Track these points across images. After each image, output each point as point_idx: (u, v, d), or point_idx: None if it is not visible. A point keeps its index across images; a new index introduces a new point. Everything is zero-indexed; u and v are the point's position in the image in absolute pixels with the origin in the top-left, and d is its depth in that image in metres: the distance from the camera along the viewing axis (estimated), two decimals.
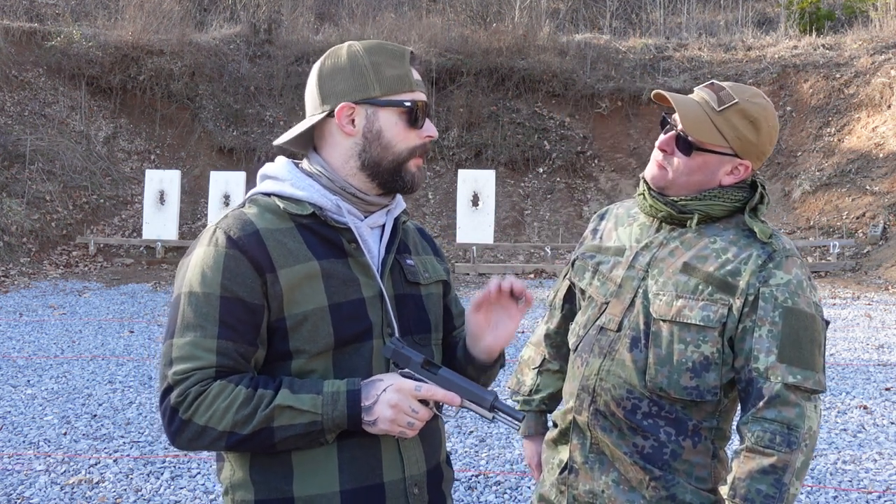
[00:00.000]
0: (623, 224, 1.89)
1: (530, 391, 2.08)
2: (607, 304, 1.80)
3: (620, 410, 1.74)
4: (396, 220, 1.57)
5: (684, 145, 1.72)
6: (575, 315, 1.98)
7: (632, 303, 1.76)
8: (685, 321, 1.69)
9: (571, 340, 1.88)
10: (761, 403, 1.62)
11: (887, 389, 6.31)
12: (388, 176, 1.48)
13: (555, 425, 1.92)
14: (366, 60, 1.47)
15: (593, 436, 1.78)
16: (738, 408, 1.78)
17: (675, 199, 1.75)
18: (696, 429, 1.73)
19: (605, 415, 1.76)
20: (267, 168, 1.54)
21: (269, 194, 1.50)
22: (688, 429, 1.72)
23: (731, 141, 1.71)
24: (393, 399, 1.36)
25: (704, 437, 1.74)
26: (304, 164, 1.54)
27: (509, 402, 1.97)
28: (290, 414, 1.35)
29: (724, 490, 1.68)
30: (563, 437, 1.86)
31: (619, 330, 1.76)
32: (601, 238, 1.92)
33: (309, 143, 1.56)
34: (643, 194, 1.81)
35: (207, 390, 1.35)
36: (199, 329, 1.37)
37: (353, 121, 1.47)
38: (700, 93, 1.76)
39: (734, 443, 1.92)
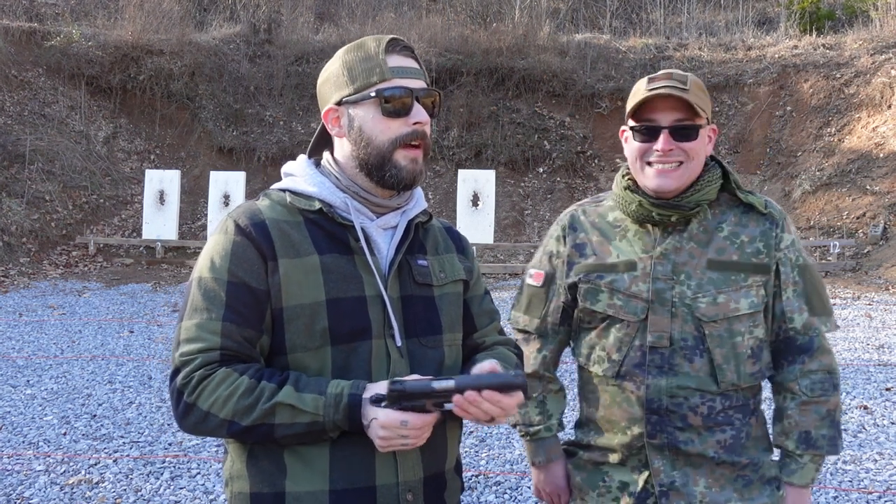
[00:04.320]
0: (614, 237, 1.86)
1: (546, 418, 1.98)
2: (643, 321, 1.78)
3: (699, 418, 1.76)
4: (411, 221, 1.55)
5: (691, 130, 1.75)
6: (568, 338, 1.95)
7: (673, 314, 1.76)
8: (735, 314, 1.75)
9: (604, 366, 1.83)
10: (807, 358, 1.79)
11: (888, 389, 6.30)
12: (377, 172, 1.47)
13: (579, 447, 1.91)
14: (340, 62, 1.50)
15: (674, 453, 1.78)
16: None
17: (678, 199, 1.77)
18: (755, 406, 1.84)
19: (682, 429, 1.76)
20: (287, 165, 1.59)
21: (283, 190, 1.54)
22: (751, 408, 1.83)
23: (706, 110, 1.77)
24: (383, 434, 1.36)
25: (755, 409, 1.85)
26: (323, 162, 1.57)
27: (518, 436, 1.93)
28: (292, 413, 1.35)
29: (788, 443, 1.81)
30: (622, 463, 1.84)
31: (671, 344, 1.76)
32: (596, 255, 1.86)
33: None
34: (641, 205, 1.79)
35: (212, 375, 1.37)
36: (206, 312, 1.40)
37: (339, 123, 1.51)
38: (662, 83, 1.76)
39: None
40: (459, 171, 14.49)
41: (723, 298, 1.74)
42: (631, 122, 1.79)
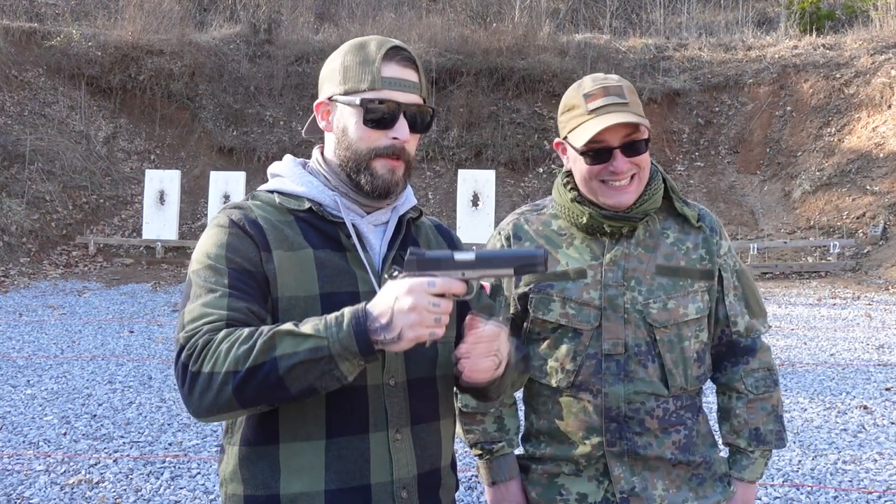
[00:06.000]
0: (560, 245, 1.84)
1: (505, 433, 1.92)
2: (596, 328, 1.77)
3: (655, 421, 1.77)
4: (402, 217, 1.56)
5: (641, 144, 1.74)
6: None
7: (626, 320, 1.76)
8: (684, 320, 1.78)
9: (558, 377, 1.80)
10: (750, 359, 1.87)
11: (887, 389, 6.30)
12: (354, 176, 1.48)
13: (531, 460, 1.87)
14: (340, 58, 1.49)
15: (633, 459, 1.78)
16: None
17: (627, 211, 1.77)
18: (700, 404, 1.89)
19: (640, 433, 1.77)
20: (273, 166, 1.59)
21: (271, 191, 1.54)
22: (697, 407, 1.87)
23: (643, 114, 1.77)
24: (409, 302, 1.24)
25: (700, 407, 1.89)
26: (311, 161, 1.57)
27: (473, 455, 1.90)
28: (292, 340, 1.26)
29: (739, 441, 1.88)
30: (578, 474, 1.81)
31: (626, 351, 1.76)
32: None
33: None
34: (592, 216, 1.77)
35: (214, 338, 1.30)
36: (210, 293, 1.37)
37: (328, 118, 1.52)
38: (602, 102, 1.72)
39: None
40: (459, 171, 14.49)
41: (672, 304, 1.76)
42: (580, 147, 1.72)
